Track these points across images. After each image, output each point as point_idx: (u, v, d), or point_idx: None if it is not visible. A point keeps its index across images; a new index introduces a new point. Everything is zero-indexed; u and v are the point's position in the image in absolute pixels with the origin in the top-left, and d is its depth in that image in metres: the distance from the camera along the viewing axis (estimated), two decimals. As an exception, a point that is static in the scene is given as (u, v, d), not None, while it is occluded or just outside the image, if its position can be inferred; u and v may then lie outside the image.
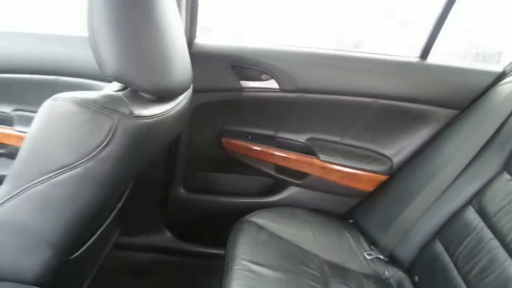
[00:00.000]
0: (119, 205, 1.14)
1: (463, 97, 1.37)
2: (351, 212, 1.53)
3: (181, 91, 0.93)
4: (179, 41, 0.91)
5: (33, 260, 0.80)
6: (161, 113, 0.84)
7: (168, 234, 1.58)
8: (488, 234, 1.09)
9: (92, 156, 0.73)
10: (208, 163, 1.56)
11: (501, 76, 1.36)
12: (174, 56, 0.88)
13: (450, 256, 1.16)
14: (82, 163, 0.73)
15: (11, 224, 0.77)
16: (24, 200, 0.75)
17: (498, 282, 0.97)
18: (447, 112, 1.39)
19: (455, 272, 1.11)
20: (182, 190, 1.54)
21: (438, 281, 1.15)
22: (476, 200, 1.18)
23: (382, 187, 1.46)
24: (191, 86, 1.07)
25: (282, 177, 1.51)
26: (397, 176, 1.45)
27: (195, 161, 1.53)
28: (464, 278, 1.08)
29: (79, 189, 0.76)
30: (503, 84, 1.31)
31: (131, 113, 0.76)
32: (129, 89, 0.85)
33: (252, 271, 1.10)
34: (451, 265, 1.14)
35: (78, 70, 1.42)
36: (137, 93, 0.84)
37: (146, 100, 0.84)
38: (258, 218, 1.32)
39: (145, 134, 0.80)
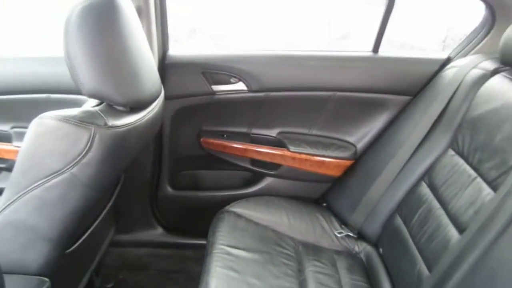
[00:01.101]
0: (110, 203, 1.29)
1: (414, 84, 1.51)
2: (324, 196, 1.68)
3: (151, 101, 1.08)
4: (146, 58, 1.06)
5: (34, 254, 0.95)
6: (133, 122, 0.99)
7: (160, 230, 1.73)
8: (436, 204, 1.23)
9: (75, 163, 0.88)
10: (190, 162, 1.70)
11: (446, 62, 1.50)
12: (142, 72, 1.02)
13: (407, 227, 1.30)
14: (68, 168, 0.88)
15: (14, 224, 0.91)
16: (22, 203, 0.90)
17: (441, 244, 1.11)
18: (401, 99, 1.53)
19: (410, 241, 1.26)
20: (169, 188, 1.68)
21: (398, 250, 1.29)
22: (427, 175, 1.32)
23: (348, 171, 1.61)
24: (162, 95, 1.21)
25: (258, 169, 1.66)
26: (361, 160, 1.59)
27: (179, 161, 1.68)
28: (416, 244, 1.22)
29: (68, 191, 0.91)
30: (448, 69, 1.45)
31: (105, 124, 0.90)
32: (104, 103, 0.99)
33: (229, 253, 1.25)
34: (407, 235, 1.28)
35: (67, 87, 1.56)
36: (111, 106, 0.99)
37: (120, 112, 0.98)
38: (236, 208, 1.47)
39: (120, 140, 0.95)
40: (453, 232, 1.11)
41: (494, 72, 1.25)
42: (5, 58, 1.66)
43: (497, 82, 1.21)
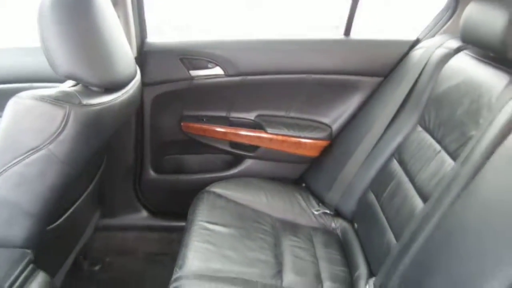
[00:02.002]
0: (92, 185, 1.34)
1: (385, 65, 1.57)
2: (302, 177, 1.74)
3: (125, 82, 1.13)
4: (119, 42, 1.11)
5: (17, 229, 1.00)
6: (108, 101, 1.04)
7: (145, 213, 1.78)
8: (404, 178, 1.29)
9: (52, 140, 0.93)
10: (172, 146, 1.75)
11: (415, 43, 1.56)
12: (116, 55, 1.07)
13: (378, 201, 1.36)
14: (45, 145, 0.93)
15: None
16: (3, 180, 0.95)
17: (407, 214, 1.17)
18: (373, 80, 1.59)
19: (381, 214, 1.32)
20: (152, 172, 1.73)
21: (370, 224, 1.35)
22: (397, 152, 1.38)
23: (325, 151, 1.67)
24: (138, 78, 1.26)
25: (237, 151, 1.71)
26: (336, 140, 1.65)
27: (161, 146, 1.73)
28: (386, 217, 1.28)
29: (46, 167, 0.95)
30: (416, 50, 1.51)
31: (80, 103, 0.95)
32: (79, 84, 1.04)
33: (207, 229, 1.30)
34: (378, 209, 1.34)
35: (48, 76, 1.60)
36: (87, 87, 1.04)
37: (95, 92, 1.03)
38: (216, 188, 1.52)
39: (95, 119, 0.99)
40: (418, 202, 1.17)
41: (457, 51, 1.31)
42: None
43: (459, 60, 1.27)
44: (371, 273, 1.25)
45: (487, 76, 1.11)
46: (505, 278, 0.72)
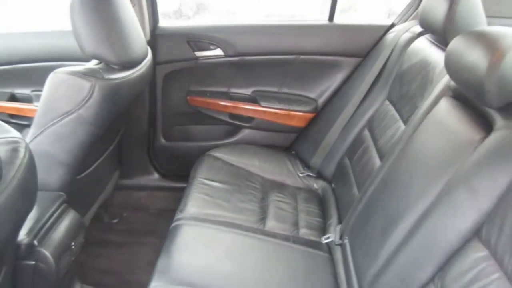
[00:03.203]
0: (112, 147, 1.61)
1: (363, 47, 1.80)
2: (292, 145, 1.99)
3: (139, 61, 1.39)
4: (134, 26, 1.37)
5: (54, 176, 1.28)
6: (124, 76, 1.31)
7: (156, 175, 2.06)
8: (371, 143, 1.53)
9: (81, 105, 1.20)
10: (180, 118, 2.02)
11: (390, 27, 1.78)
12: (131, 38, 1.33)
13: (350, 163, 1.61)
14: (76, 110, 1.20)
15: (38, 153, 1.23)
16: (44, 137, 1.23)
17: (368, 171, 1.42)
18: (353, 60, 1.82)
19: (351, 174, 1.57)
20: (163, 140, 2.01)
21: (343, 183, 1.60)
22: (369, 123, 1.62)
23: (311, 122, 1.92)
24: (150, 57, 1.52)
25: (236, 122, 1.97)
26: (321, 112, 1.90)
27: (171, 117, 2.00)
28: (354, 176, 1.54)
29: (77, 127, 1.23)
30: (389, 33, 1.73)
31: (103, 77, 1.22)
32: (102, 63, 1.31)
33: (205, 184, 1.57)
34: (350, 170, 1.59)
35: (77, 57, 1.86)
36: (107, 65, 1.30)
37: (114, 69, 1.30)
38: (215, 153, 1.78)
39: (114, 90, 1.26)
40: (377, 161, 1.42)
41: (419, 35, 1.53)
42: (26, 33, 1.98)
43: (420, 43, 1.50)
44: (340, 221, 1.50)
45: (435, 57, 1.33)
46: (421, 207, 0.97)
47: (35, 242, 1.11)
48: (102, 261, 1.77)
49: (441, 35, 1.28)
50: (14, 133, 0.81)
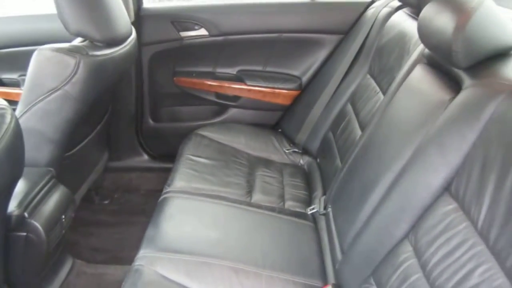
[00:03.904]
0: (99, 126, 1.64)
1: (345, 24, 1.83)
2: (278, 123, 2.03)
3: (123, 39, 1.41)
4: (117, 6, 1.39)
5: (43, 152, 1.30)
6: (109, 53, 1.33)
7: (146, 157, 2.09)
8: (353, 116, 1.57)
9: (67, 82, 1.23)
10: (167, 98, 2.05)
11: (370, 3, 1.81)
12: (115, 15, 1.35)
13: (334, 137, 1.65)
14: (61, 86, 1.23)
15: (26, 130, 1.25)
16: (31, 114, 1.25)
17: (350, 142, 1.46)
18: (335, 37, 1.86)
19: (334, 147, 1.61)
20: (151, 121, 2.04)
21: (327, 156, 1.65)
22: (351, 97, 1.66)
23: (296, 100, 1.96)
24: (134, 36, 1.54)
25: (222, 101, 2.00)
26: (305, 90, 1.94)
27: (158, 98, 2.02)
28: (337, 148, 1.58)
29: (63, 103, 1.25)
30: (370, 9, 1.76)
31: (87, 54, 1.25)
32: (87, 41, 1.33)
33: (192, 160, 1.61)
34: (334, 143, 1.64)
35: (62, 40, 1.89)
36: (92, 43, 1.33)
37: (98, 47, 1.32)
38: (202, 131, 1.81)
39: (99, 66, 1.29)
40: (358, 132, 1.46)
41: (397, 9, 1.57)
42: (11, 17, 1.98)
43: (397, 17, 1.53)
44: (324, 193, 1.55)
45: (411, 28, 1.37)
46: (396, 169, 1.02)
47: (26, 214, 1.14)
48: (94, 240, 1.80)
49: (417, 7, 1.32)
50: (0, 101, 0.84)
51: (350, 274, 1.08)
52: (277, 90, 1.94)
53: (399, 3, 1.57)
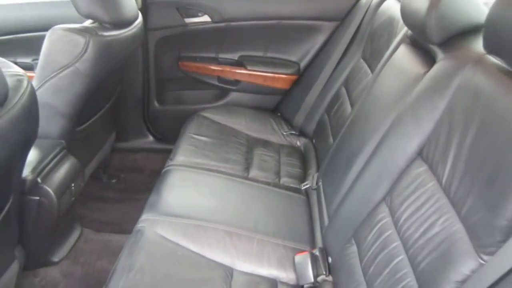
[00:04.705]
0: (108, 105, 1.75)
1: (341, 11, 1.92)
2: (277, 107, 2.12)
3: (130, 21, 1.52)
4: None
5: (55, 125, 1.41)
6: (116, 34, 1.43)
7: (151, 138, 2.20)
8: (346, 97, 1.66)
9: (78, 59, 1.33)
10: (172, 82, 2.15)
11: None
12: (122, 0, 1.45)
13: (328, 117, 1.74)
14: (72, 63, 1.33)
15: (41, 104, 1.36)
16: (44, 89, 1.36)
17: (342, 120, 1.55)
18: (332, 24, 1.94)
19: (328, 127, 1.70)
20: (156, 104, 2.14)
21: (322, 136, 1.73)
22: (345, 81, 1.74)
23: (294, 84, 2.05)
24: (140, 20, 1.64)
25: (223, 85, 2.10)
26: (303, 74, 2.03)
27: (163, 82, 2.13)
28: (331, 129, 1.66)
29: (74, 79, 1.36)
30: None
31: (96, 34, 1.35)
32: (96, 23, 1.43)
33: (193, 138, 1.71)
34: (328, 123, 1.72)
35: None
36: (101, 24, 1.43)
37: (107, 28, 1.43)
38: (204, 113, 1.91)
39: (107, 46, 1.39)
40: (349, 111, 1.54)
41: (387, -3, 1.65)
42: (25, 3, 2.09)
43: (388, 3, 1.62)
44: (318, 170, 1.63)
45: (399, 14, 1.45)
46: (376, 139, 1.11)
47: (39, 179, 1.25)
48: (101, 214, 1.91)
49: None
50: (17, 69, 0.94)
51: (334, 237, 1.18)
52: (276, 75, 2.03)
53: (391, -10, 1.65)
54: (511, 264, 0.62)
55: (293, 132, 1.93)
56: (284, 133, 1.93)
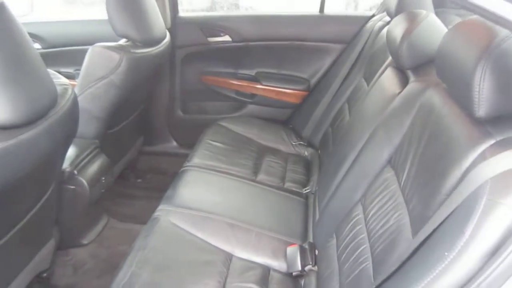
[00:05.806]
0: (136, 113, 1.99)
1: (348, 35, 2.11)
2: (289, 119, 2.32)
3: (159, 40, 1.77)
4: (154, 13, 1.74)
5: (91, 127, 1.66)
6: (146, 52, 1.68)
7: (174, 143, 2.44)
8: (347, 114, 1.83)
9: (113, 72, 1.58)
10: (195, 94, 2.38)
11: (371, 17, 2.08)
12: (152, 22, 1.71)
13: (332, 130, 1.92)
14: (108, 76, 1.58)
15: (80, 108, 1.61)
16: (84, 96, 1.61)
17: (342, 130, 1.72)
18: (340, 46, 2.13)
19: (331, 139, 1.88)
20: (180, 113, 2.38)
21: (326, 148, 1.91)
22: (348, 99, 1.93)
23: (305, 99, 2.25)
24: (168, 39, 1.88)
25: (241, 98, 2.32)
26: (313, 91, 2.23)
27: (187, 93, 2.37)
28: (333, 140, 1.84)
29: (109, 89, 1.61)
30: (369, 22, 2.03)
31: (129, 51, 1.60)
32: (129, 41, 1.69)
33: (209, 143, 1.92)
34: (330, 136, 1.90)
35: (110, 39, 2.27)
36: (133, 42, 1.68)
37: (138, 46, 1.68)
38: (221, 123, 2.13)
39: (138, 61, 1.64)
40: (347, 118, 1.72)
41: (388, 23, 1.82)
42: (70, 21, 2.40)
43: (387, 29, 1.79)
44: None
45: None
46: (358, 148, 1.29)
47: (75, 171, 1.49)
48: (125, 208, 2.15)
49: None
50: (64, 80, 1.18)
51: (321, 232, 1.36)
52: (288, 90, 2.24)
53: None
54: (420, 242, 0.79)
55: (301, 142, 2.12)
56: (293, 143, 2.12)
